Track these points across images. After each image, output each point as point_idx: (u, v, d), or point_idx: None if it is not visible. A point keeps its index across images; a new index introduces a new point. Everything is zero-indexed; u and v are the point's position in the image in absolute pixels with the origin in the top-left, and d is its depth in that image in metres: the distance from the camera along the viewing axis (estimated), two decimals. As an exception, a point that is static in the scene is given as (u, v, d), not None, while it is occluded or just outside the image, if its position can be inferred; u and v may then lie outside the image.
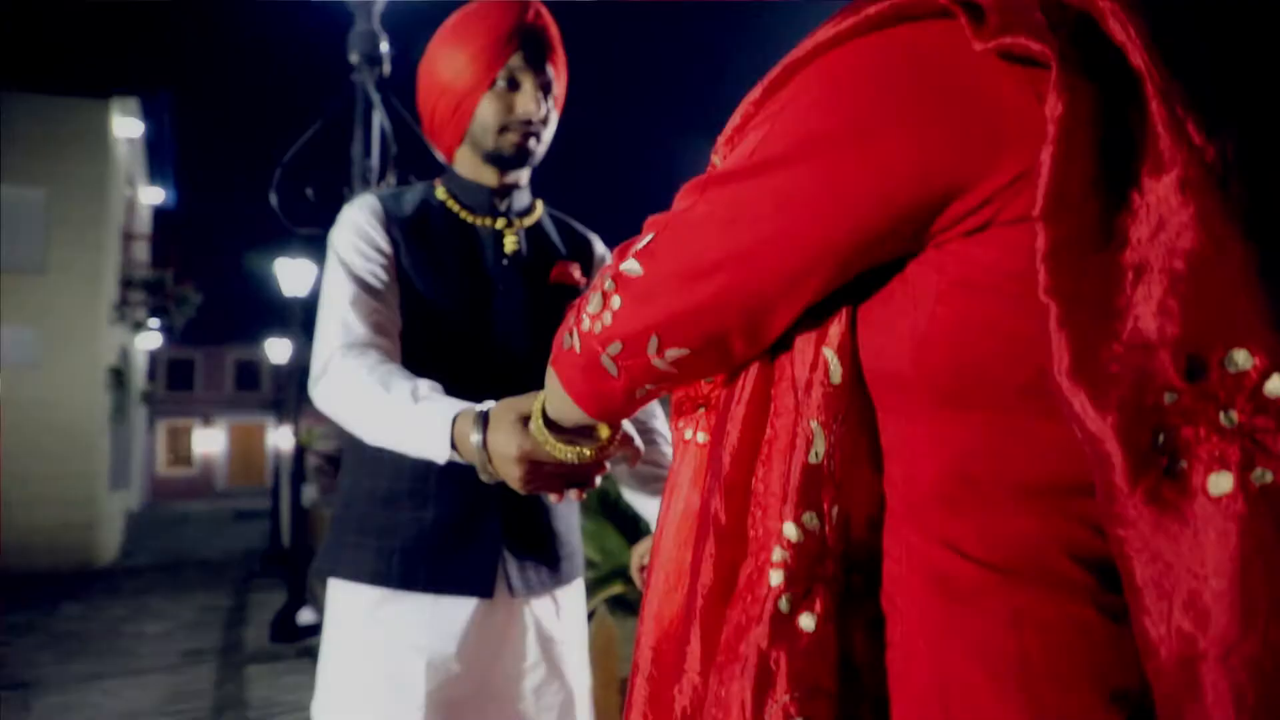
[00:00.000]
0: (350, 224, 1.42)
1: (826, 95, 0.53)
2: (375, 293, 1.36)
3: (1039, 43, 0.45)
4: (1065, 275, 0.45)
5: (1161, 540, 0.43)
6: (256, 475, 34.29)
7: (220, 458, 34.65)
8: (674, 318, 0.59)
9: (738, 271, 0.56)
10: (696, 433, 0.69)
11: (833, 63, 0.53)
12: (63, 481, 11.75)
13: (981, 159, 0.49)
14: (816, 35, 0.54)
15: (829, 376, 0.56)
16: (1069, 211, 0.45)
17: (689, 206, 0.59)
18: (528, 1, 1.46)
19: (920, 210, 0.51)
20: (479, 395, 1.39)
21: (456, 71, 1.44)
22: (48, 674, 5.86)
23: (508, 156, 1.46)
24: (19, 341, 11.72)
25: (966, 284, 0.51)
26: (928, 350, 0.53)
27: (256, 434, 34.75)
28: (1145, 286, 0.44)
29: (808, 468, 0.55)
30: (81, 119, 12.45)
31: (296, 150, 2.01)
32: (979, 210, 0.50)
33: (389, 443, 1.17)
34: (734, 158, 0.58)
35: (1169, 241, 0.44)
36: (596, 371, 0.65)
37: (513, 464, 0.97)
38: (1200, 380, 0.43)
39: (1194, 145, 0.44)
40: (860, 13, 0.52)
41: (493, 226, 1.50)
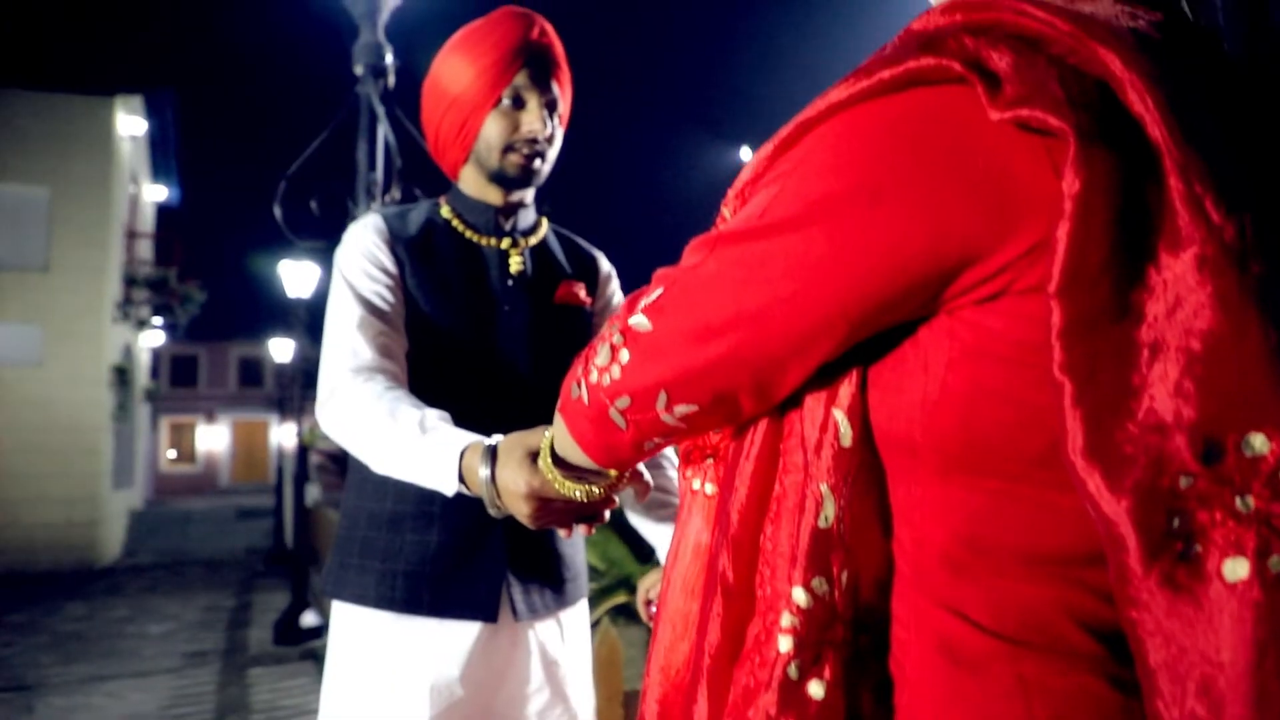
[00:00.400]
0: (356, 244, 1.42)
1: (840, 157, 0.52)
2: (381, 314, 1.36)
3: (1057, 118, 0.45)
4: (1080, 353, 0.45)
5: (1176, 624, 0.42)
6: (260, 472, 34.36)
7: (224, 454, 34.71)
8: (683, 376, 0.59)
9: (748, 332, 0.55)
10: (705, 484, 0.69)
11: (847, 124, 0.53)
12: (66, 480, 11.77)
13: (996, 229, 0.48)
14: (829, 95, 0.54)
15: (839, 439, 0.56)
16: (1084, 288, 0.45)
17: (699, 263, 0.58)
18: (532, 19, 1.46)
19: (933, 277, 0.51)
20: (485, 415, 1.39)
21: (461, 89, 1.43)
22: (50, 675, 5.88)
23: (512, 176, 1.46)
24: (22, 340, 11.74)
25: (979, 352, 0.51)
26: (938, 417, 0.52)
27: (260, 431, 34.80)
28: (1161, 365, 0.44)
29: (817, 532, 0.55)
30: (85, 117, 12.46)
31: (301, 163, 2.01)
32: (993, 279, 0.50)
33: (396, 473, 1.17)
34: (745, 215, 0.57)
35: (1186, 320, 0.43)
36: (605, 424, 0.65)
37: (521, 501, 0.97)
38: (1216, 464, 0.42)
39: (1212, 223, 0.43)
40: (874, 76, 0.51)
41: (498, 246, 1.50)
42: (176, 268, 14.87)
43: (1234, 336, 0.42)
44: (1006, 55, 0.48)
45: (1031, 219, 0.48)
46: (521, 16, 1.45)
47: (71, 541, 11.65)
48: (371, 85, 2.10)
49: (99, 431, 12.16)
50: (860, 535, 0.56)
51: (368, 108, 2.12)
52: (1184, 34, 0.54)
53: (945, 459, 0.53)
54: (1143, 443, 0.43)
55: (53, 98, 12.26)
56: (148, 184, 16.70)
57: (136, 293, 13.75)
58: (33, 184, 12.00)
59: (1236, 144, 0.47)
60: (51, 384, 11.79)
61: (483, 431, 1.36)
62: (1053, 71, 0.47)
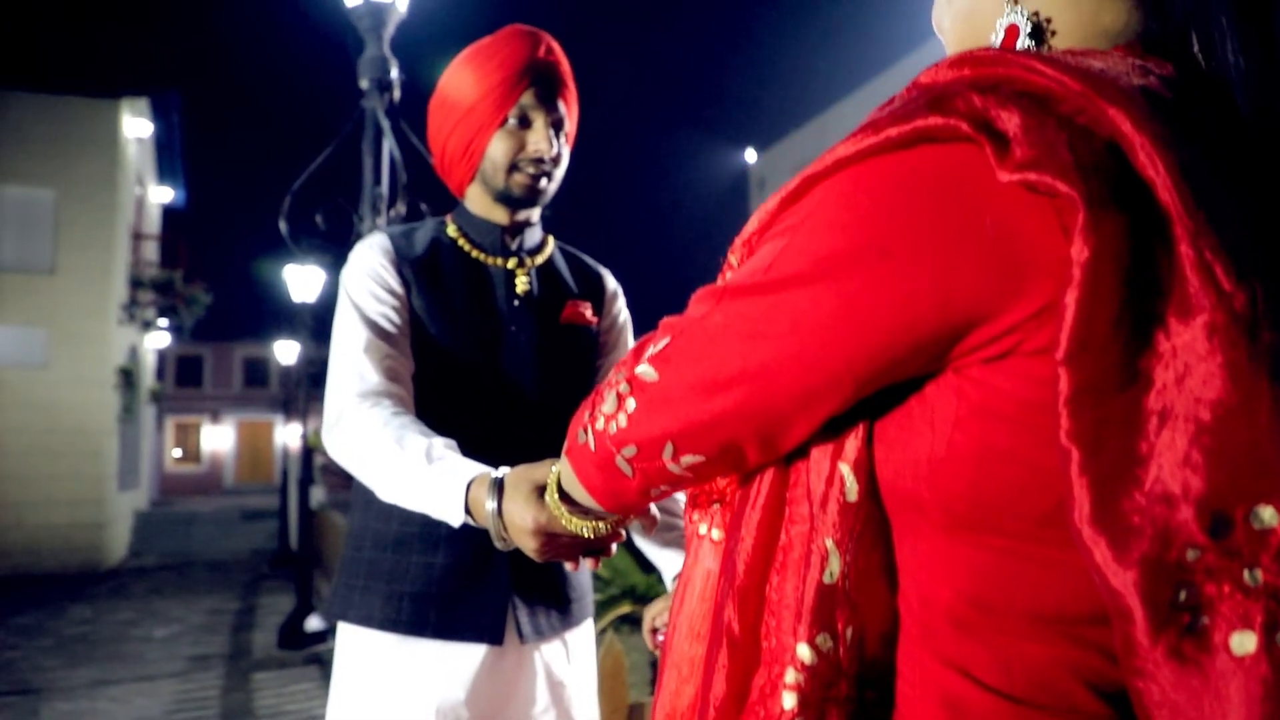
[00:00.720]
0: (362, 265, 1.41)
1: (848, 214, 0.52)
2: (388, 336, 1.36)
3: (1066, 185, 0.45)
4: (1087, 420, 0.44)
5: (1182, 695, 0.42)
6: (265, 472, 34.42)
7: (228, 455, 34.78)
8: (689, 427, 0.59)
9: (754, 387, 0.55)
10: (711, 529, 0.69)
11: (854, 180, 0.53)
12: (71, 482, 11.80)
13: (1004, 290, 0.48)
14: (836, 150, 0.54)
15: (844, 494, 0.56)
16: (1092, 355, 0.45)
17: (705, 314, 0.59)
18: (539, 38, 1.46)
19: (941, 336, 0.51)
20: (491, 435, 1.39)
21: (467, 109, 1.43)
22: (56, 679, 5.89)
23: (518, 196, 1.46)
24: (28, 342, 11.77)
25: (986, 412, 0.51)
26: (944, 475, 0.52)
27: (264, 431, 34.86)
28: (1170, 433, 0.43)
29: (822, 587, 0.55)
30: (91, 119, 12.49)
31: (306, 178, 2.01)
32: (1001, 339, 0.49)
33: (403, 502, 1.17)
34: (752, 268, 0.57)
35: (1195, 389, 0.43)
36: (611, 471, 0.65)
37: (528, 536, 0.97)
38: (1224, 537, 0.42)
39: (1223, 291, 0.43)
40: (881, 133, 0.51)
41: (504, 266, 1.50)
42: (182, 270, 14.90)
43: (1243, 407, 0.42)
44: (1015, 115, 0.48)
45: (1040, 281, 0.48)
46: (528, 35, 1.45)
47: (77, 543, 11.68)
48: (377, 99, 2.09)
49: (104, 434, 12.20)
50: (866, 590, 0.56)
51: (373, 122, 2.11)
52: (1195, 87, 0.54)
53: (952, 516, 0.53)
54: (1150, 514, 0.43)
55: (59, 100, 12.30)
56: (153, 186, 16.74)
57: (142, 295, 13.78)
58: (39, 186, 12.03)
59: (1247, 205, 0.47)
60: (57, 386, 11.82)
61: (490, 452, 1.36)
62: (1062, 134, 0.47)
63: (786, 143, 19.03)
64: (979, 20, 0.67)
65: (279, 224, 2.06)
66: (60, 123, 12.22)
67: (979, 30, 0.67)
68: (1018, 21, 0.63)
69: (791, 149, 18.76)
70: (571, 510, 0.87)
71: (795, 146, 18.63)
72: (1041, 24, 0.62)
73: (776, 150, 19.42)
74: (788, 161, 18.74)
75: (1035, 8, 0.63)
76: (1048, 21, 0.62)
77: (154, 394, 15.78)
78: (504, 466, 1.07)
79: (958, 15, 0.69)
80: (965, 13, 0.68)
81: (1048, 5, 0.62)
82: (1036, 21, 0.62)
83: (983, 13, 0.66)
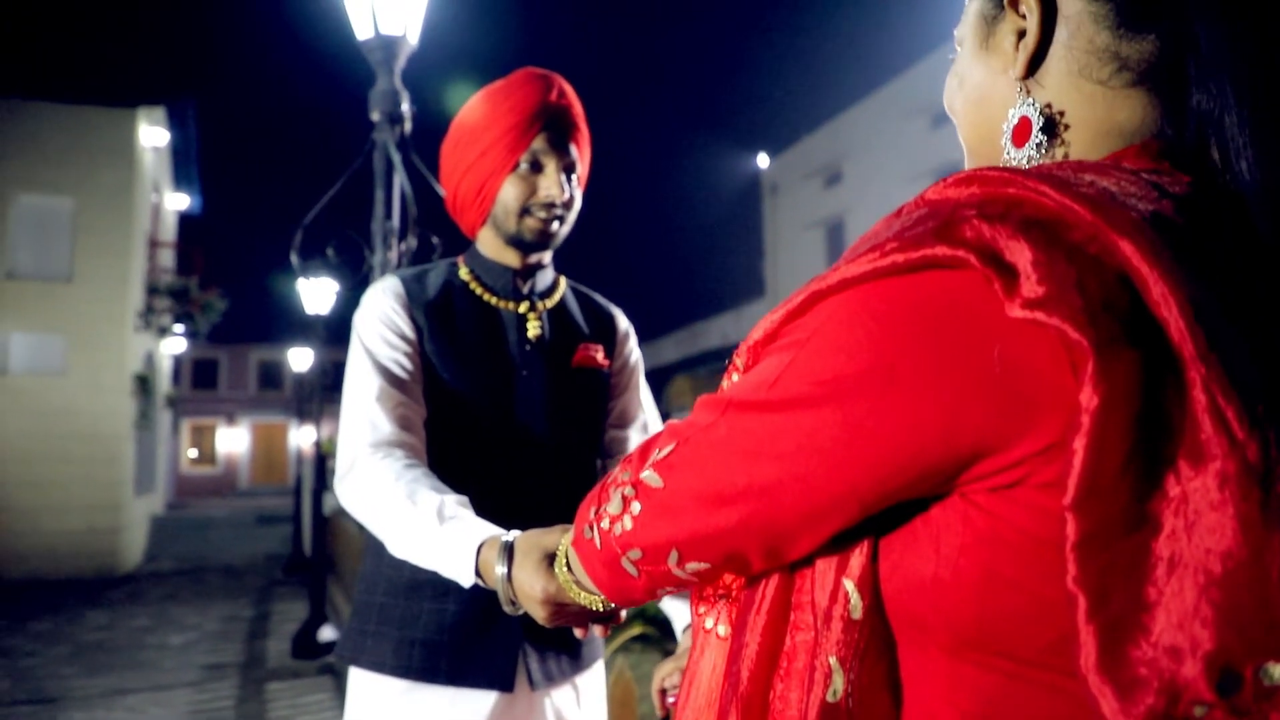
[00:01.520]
0: (374, 309, 1.42)
1: (853, 337, 0.52)
2: (400, 383, 1.36)
3: (1076, 331, 0.44)
4: (1094, 567, 0.44)
5: None
6: (279, 474, 34.60)
7: (243, 457, 34.97)
8: (694, 537, 0.59)
9: (759, 505, 0.55)
10: (717, 625, 0.69)
11: (861, 302, 0.52)
12: (88, 488, 11.91)
13: (1012, 425, 0.48)
14: (842, 268, 0.53)
15: (849, 610, 0.56)
16: (1100, 501, 0.44)
17: (710, 424, 0.59)
18: (551, 81, 1.46)
19: (947, 466, 0.50)
20: (502, 479, 1.40)
21: (480, 153, 1.44)
22: (73, 688, 5.94)
23: (529, 241, 1.46)
24: (47, 349, 11.89)
25: (993, 541, 0.50)
26: (949, 599, 0.52)
27: (279, 433, 35.04)
28: (1178, 582, 0.43)
29: (826, 706, 0.55)
30: (109, 129, 12.62)
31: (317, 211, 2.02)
32: (1008, 470, 0.49)
33: (413, 559, 1.17)
34: (757, 380, 0.57)
35: (1205, 539, 0.42)
36: (617, 569, 0.65)
37: (537, 605, 0.96)
38: (1233, 694, 0.42)
39: (1235, 440, 0.42)
40: (888, 256, 0.50)
41: (515, 310, 1.50)
42: (197, 276, 15.01)
43: (1254, 561, 0.41)
44: (1025, 247, 0.47)
45: (1048, 417, 0.47)
46: (539, 79, 1.46)
47: (93, 548, 11.78)
48: (388, 132, 2.10)
49: (121, 440, 12.30)
50: (869, 705, 0.56)
51: (384, 155, 2.12)
52: (1210, 205, 0.53)
53: (956, 638, 0.53)
54: (1157, 666, 0.43)
55: (76, 109, 12.43)
56: (169, 193, 16.87)
57: (158, 302, 13.89)
58: (57, 195, 12.17)
59: (1260, 340, 0.46)
60: (75, 393, 11.94)
61: (501, 496, 1.37)
62: (1072, 270, 0.46)
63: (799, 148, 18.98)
64: (990, 108, 0.66)
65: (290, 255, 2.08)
66: (78, 132, 12.35)
67: (991, 118, 0.66)
68: (1030, 114, 0.62)
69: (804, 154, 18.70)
70: (580, 585, 0.87)
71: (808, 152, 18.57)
72: (1054, 117, 0.62)
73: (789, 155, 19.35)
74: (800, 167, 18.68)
75: (1049, 99, 0.62)
76: (1060, 115, 0.61)
77: (169, 399, 15.89)
78: (514, 530, 1.07)
79: (969, 100, 0.69)
80: (977, 99, 0.68)
81: (1061, 98, 0.61)
82: (1049, 115, 0.62)
83: (995, 101, 0.65)
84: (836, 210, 17.43)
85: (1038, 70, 0.62)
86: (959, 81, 0.70)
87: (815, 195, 18.16)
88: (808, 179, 18.39)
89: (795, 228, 18.82)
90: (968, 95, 0.68)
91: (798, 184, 18.79)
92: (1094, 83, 0.60)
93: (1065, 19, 0.61)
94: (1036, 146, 0.62)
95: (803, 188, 18.57)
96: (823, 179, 18.03)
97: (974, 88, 0.68)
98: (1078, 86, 0.61)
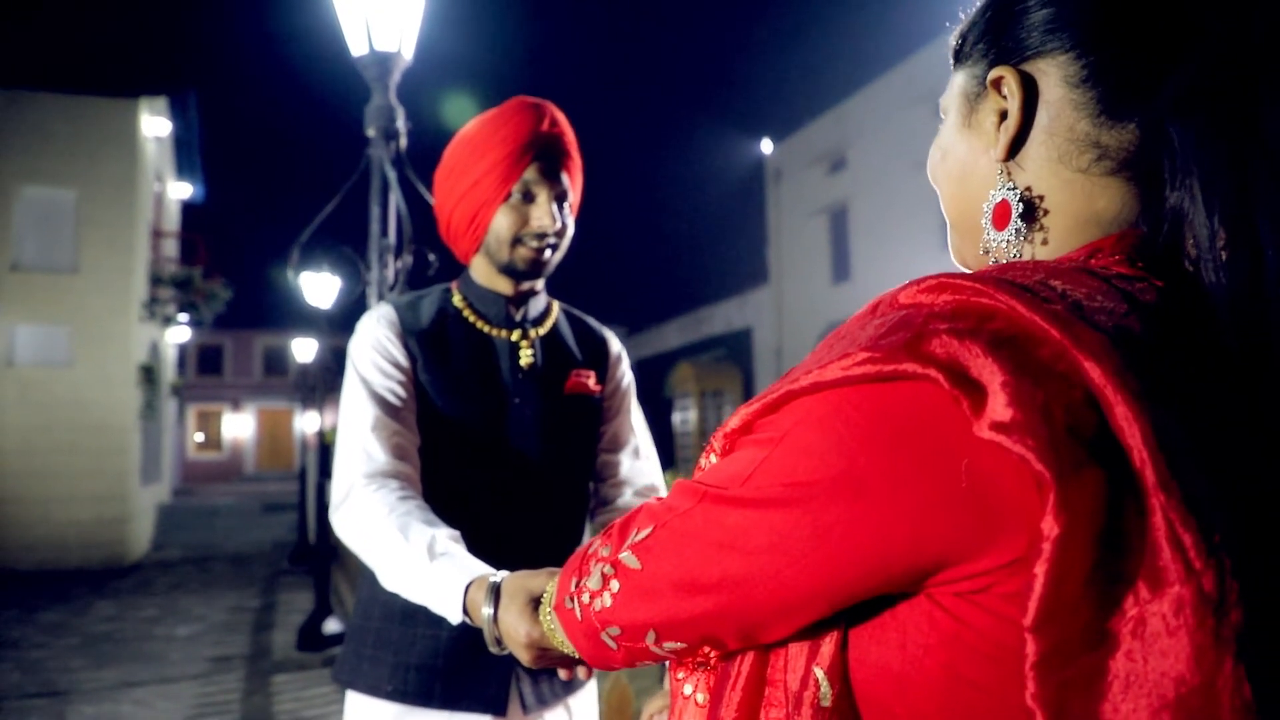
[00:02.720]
0: (368, 337, 1.44)
1: (825, 441, 0.53)
2: (394, 412, 1.38)
3: (1039, 461, 0.45)
4: (1052, 685, 0.45)
5: None
6: (285, 459, 34.74)
7: (249, 442, 35.10)
8: (670, 621, 0.61)
9: (732, 596, 0.57)
10: (696, 691, 0.70)
11: (834, 406, 0.53)
12: (96, 479, 11.98)
13: (977, 538, 0.49)
14: (814, 370, 0.54)
15: (819, 698, 0.57)
16: (1060, 624, 0.45)
17: (686, 512, 0.60)
18: (543, 111, 1.47)
19: (912, 572, 0.52)
20: (495, 505, 1.42)
21: (473, 183, 1.45)
22: (81, 681, 6.01)
23: (522, 270, 1.48)
24: (52, 341, 11.94)
25: (957, 643, 0.51)
26: (914, 693, 0.53)
27: (285, 418, 35.15)
28: (1133, 701, 0.44)
29: None
30: (111, 119, 12.60)
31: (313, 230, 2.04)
32: (973, 579, 0.50)
33: (404, 593, 1.20)
34: (731, 473, 0.58)
35: (1159, 662, 0.43)
36: (596, 642, 0.67)
37: (521, 648, 0.98)
38: None
39: (1192, 568, 0.43)
40: (859, 366, 0.51)
41: (509, 338, 1.52)
42: (201, 266, 15.03)
43: (1206, 688, 0.42)
44: (995, 369, 0.48)
45: (1013, 533, 0.48)
46: (531, 109, 1.46)
47: (101, 538, 11.86)
48: (383, 149, 2.11)
49: (127, 430, 12.36)
50: None
51: (379, 172, 2.13)
52: (1181, 309, 0.53)
53: None
54: None
55: (79, 100, 12.41)
56: (172, 182, 16.86)
57: (163, 291, 13.91)
58: (60, 187, 12.17)
59: (1223, 459, 0.47)
60: (81, 384, 11.99)
61: (493, 522, 1.39)
62: (1039, 394, 0.46)
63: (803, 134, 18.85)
64: (972, 187, 0.66)
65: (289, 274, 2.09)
66: (80, 123, 12.34)
67: (972, 197, 0.66)
68: (1010, 198, 0.62)
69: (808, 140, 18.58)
70: (562, 640, 0.89)
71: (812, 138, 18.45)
72: (1034, 202, 0.62)
73: (793, 141, 19.23)
74: (804, 153, 18.55)
75: (1029, 183, 0.62)
76: (1040, 199, 0.62)
77: (175, 388, 15.95)
78: (504, 570, 1.09)
79: (951, 176, 0.69)
80: (959, 175, 0.68)
81: (1041, 183, 0.62)
82: (1029, 199, 0.62)
83: (976, 179, 0.66)
84: (840, 197, 17.33)
85: (1019, 152, 0.63)
86: (942, 154, 0.70)
87: (819, 181, 18.04)
88: (812, 165, 18.26)
89: (799, 214, 18.73)
90: (950, 170, 0.69)
91: (801, 170, 18.66)
92: (1073, 170, 0.60)
93: (1046, 104, 0.61)
94: (1016, 232, 0.62)
95: (807, 174, 18.45)
96: (827, 165, 17.89)
97: (956, 163, 0.68)
98: (1057, 172, 0.61)
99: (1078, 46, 0.59)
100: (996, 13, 0.64)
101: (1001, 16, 0.64)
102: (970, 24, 0.67)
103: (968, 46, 0.67)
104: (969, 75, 0.67)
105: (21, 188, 12.01)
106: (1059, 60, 0.60)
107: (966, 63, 0.67)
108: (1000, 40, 0.63)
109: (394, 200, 2.07)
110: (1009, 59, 0.62)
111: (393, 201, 2.08)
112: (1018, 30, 0.62)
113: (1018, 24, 0.62)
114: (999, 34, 0.64)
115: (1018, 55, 0.62)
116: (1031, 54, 0.61)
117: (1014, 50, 0.62)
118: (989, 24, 0.65)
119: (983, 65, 0.65)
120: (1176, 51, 0.56)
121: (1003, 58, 0.63)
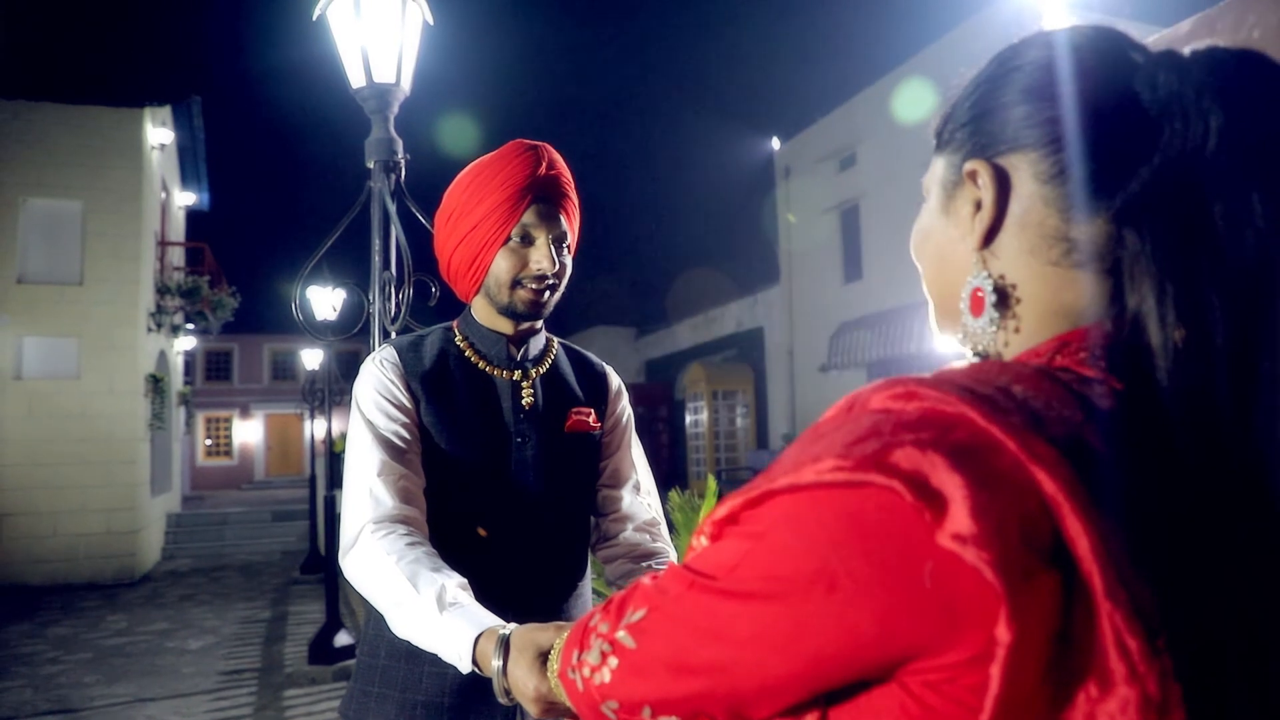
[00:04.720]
0: (373, 381, 1.46)
1: (801, 541, 0.55)
2: (400, 454, 1.40)
3: (994, 574, 0.48)
4: None
5: None
6: (295, 465, 34.86)
7: (258, 448, 35.24)
8: (664, 699, 0.64)
9: (719, 679, 0.60)
10: None
11: (809, 506, 0.55)
12: (105, 490, 12.03)
13: (940, 635, 0.51)
14: (791, 474, 0.56)
15: None
16: (1016, 718, 0.49)
17: (677, 597, 0.63)
18: (540, 154, 1.47)
19: (882, 663, 0.54)
20: (497, 544, 1.43)
21: (472, 227, 1.46)
22: (95, 697, 6.04)
23: (521, 312, 1.49)
24: (60, 353, 11.99)
25: None
26: None
27: (294, 424, 35.27)
28: None
29: None
30: (116, 129, 12.66)
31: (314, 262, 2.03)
32: (938, 671, 0.52)
33: (414, 641, 1.21)
34: (717, 562, 0.61)
35: None
36: (597, 712, 0.70)
37: (530, 701, 1.00)
38: None
39: (1137, 672, 0.47)
40: (831, 472, 0.54)
41: (510, 378, 1.53)
42: (208, 274, 15.09)
43: None
44: (957, 481, 0.50)
45: (973, 632, 0.50)
46: (529, 152, 1.47)
47: (112, 550, 11.92)
48: (384, 181, 2.11)
49: (136, 441, 12.41)
50: None
51: (380, 204, 2.13)
52: (1138, 413, 0.55)
53: None
54: None
55: (83, 111, 12.47)
56: (177, 190, 16.94)
57: (170, 301, 13.97)
58: (66, 198, 12.23)
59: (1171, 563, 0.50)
60: (89, 396, 12.04)
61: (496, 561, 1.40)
62: (997, 505, 0.49)
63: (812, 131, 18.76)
64: (950, 272, 0.69)
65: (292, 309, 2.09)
66: (85, 134, 12.40)
67: (951, 282, 0.69)
68: (984, 287, 0.65)
69: (817, 137, 18.50)
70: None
71: (821, 135, 18.37)
72: (1008, 290, 0.65)
73: (802, 138, 19.15)
74: (814, 150, 18.46)
75: (1003, 271, 0.65)
76: (1013, 288, 0.64)
77: (183, 396, 16.02)
78: (511, 624, 1.11)
79: (931, 259, 0.72)
80: (938, 259, 0.71)
81: (1014, 272, 0.64)
82: (1002, 287, 0.65)
83: (954, 265, 0.69)
84: (851, 194, 17.24)
85: (994, 241, 0.65)
86: (923, 237, 0.72)
87: (829, 179, 17.93)
88: (821, 162, 18.17)
89: (810, 211, 18.64)
90: (930, 253, 0.71)
91: (811, 167, 18.58)
92: (1044, 262, 0.63)
93: (1019, 197, 0.63)
94: (990, 320, 0.65)
95: (816, 171, 18.36)
96: (836, 162, 17.82)
97: (935, 247, 0.71)
98: (1029, 264, 0.63)
99: (1048, 144, 0.62)
100: (975, 104, 0.67)
101: (980, 109, 0.66)
102: (952, 110, 0.70)
103: (947, 133, 0.70)
104: (948, 163, 0.69)
105: (27, 199, 12.07)
106: (1030, 157, 0.63)
107: (946, 149, 0.70)
108: (978, 132, 0.66)
109: (395, 233, 2.07)
110: (985, 152, 0.65)
111: (394, 234, 2.08)
112: (994, 124, 0.65)
113: (995, 118, 0.65)
114: (978, 125, 0.66)
115: (993, 148, 0.65)
116: (1006, 149, 0.64)
117: (989, 144, 0.65)
118: (969, 114, 0.67)
119: (960, 155, 0.67)
120: (1132, 157, 0.58)
121: (979, 150, 0.66)
